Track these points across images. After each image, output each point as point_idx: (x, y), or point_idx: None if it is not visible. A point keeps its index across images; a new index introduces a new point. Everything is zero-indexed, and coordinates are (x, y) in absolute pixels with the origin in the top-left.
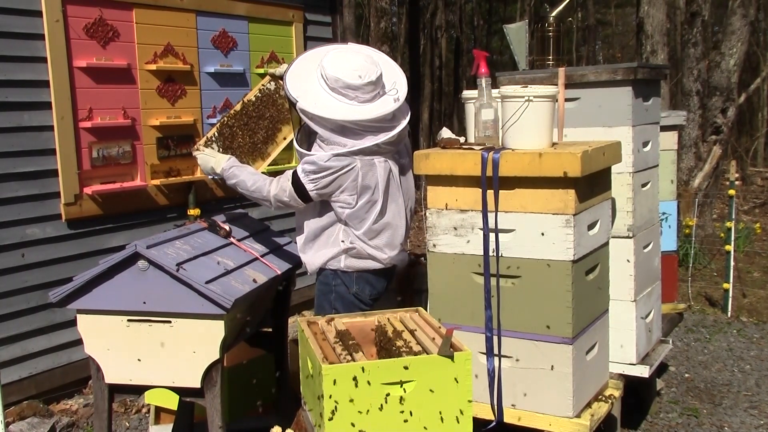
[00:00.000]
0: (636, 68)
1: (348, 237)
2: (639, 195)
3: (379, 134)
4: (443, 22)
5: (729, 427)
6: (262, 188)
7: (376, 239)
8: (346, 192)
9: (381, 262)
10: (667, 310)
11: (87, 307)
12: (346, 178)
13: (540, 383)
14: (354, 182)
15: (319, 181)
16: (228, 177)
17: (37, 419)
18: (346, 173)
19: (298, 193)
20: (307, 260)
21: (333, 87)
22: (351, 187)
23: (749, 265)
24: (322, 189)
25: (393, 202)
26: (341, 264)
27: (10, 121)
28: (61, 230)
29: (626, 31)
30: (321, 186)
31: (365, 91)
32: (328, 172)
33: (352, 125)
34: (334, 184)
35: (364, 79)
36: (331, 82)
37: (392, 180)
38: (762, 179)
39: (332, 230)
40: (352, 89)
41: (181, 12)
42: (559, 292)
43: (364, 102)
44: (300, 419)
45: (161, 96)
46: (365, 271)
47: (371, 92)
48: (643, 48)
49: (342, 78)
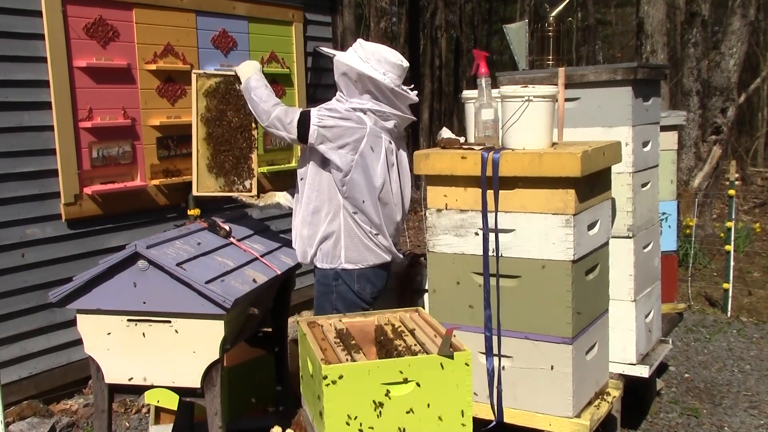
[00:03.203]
0: (636, 68)
1: (346, 216)
2: (639, 195)
3: (396, 111)
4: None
5: (729, 427)
6: (269, 101)
7: (375, 214)
8: (346, 148)
9: (380, 246)
10: (667, 310)
11: (87, 307)
12: (351, 133)
13: (540, 383)
14: (357, 142)
15: (325, 120)
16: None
17: (37, 419)
18: (354, 129)
19: (300, 124)
20: (301, 242)
21: (367, 59)
22: (352, 146)
23: (749, 265)
24: (324, 129)
25: (391, 183)
26: (342, 261)
27: (10, 121)
28: (61, 230)
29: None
30: (325, 125)
31: (395, 72)
32: (339, 115)
33: (380, 89)
34: (337, 129)
35: (397, 60)
36: (367, 53)
37: (392, 162)
38: (762, 179)
39: (329, 208)
40: (385, 64)
41: (181, 12)
42: (559, 292)
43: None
44: (300, 419)
45: (161, 96)
46: (365, 267)
47: (399, 77)
48: (643, 48)
49: (379, 51)
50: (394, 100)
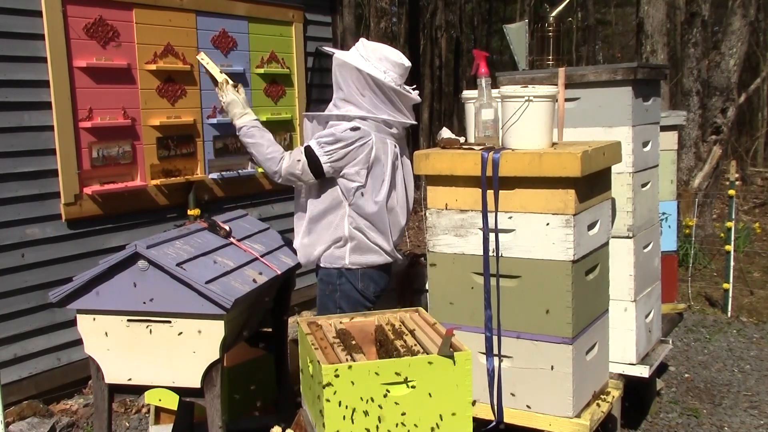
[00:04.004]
0: (636, 68)
1: (353, 221)
2: (639, 195)
3: (397, 113)
4: (443, 22)
5: (729, 427)
6: (276, 158)
7: (383, 222)
8: (358, 165)
9: (384, 251)
10: (667, 310)
11: (87, 307)
12: (360, 151)
13: (540, 383)
14: (367, 156)
15: (333, 153)
16: (246, 134)
17: (37, 419)
18: (362, 146)
19: (311, 166)
20: (304, 249)
21: (368, 57)
22: (363, 161)
23: (749, 265)
24: (336, 162)
25: (397, 187)
26: (346, 261)
27: (10, 121)
28: (61, 230)
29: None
30: (336, 158)
31: (397, 71)
32: (344, 142)
33: (381, 89)
34: (348, 156)
35: (399, 59)
36: (368, 51)
37: (397, 166)
38: (762, 179)
39: (333, 217)
40: (387, 62)
41: (181, 12)
42: (559, 292)
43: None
44: (300, 419)
45: (161, 96)
46: (369, 267)
47: (401, 76)
48: (643, 48)
49: (380, 49)
50: (396, 100)
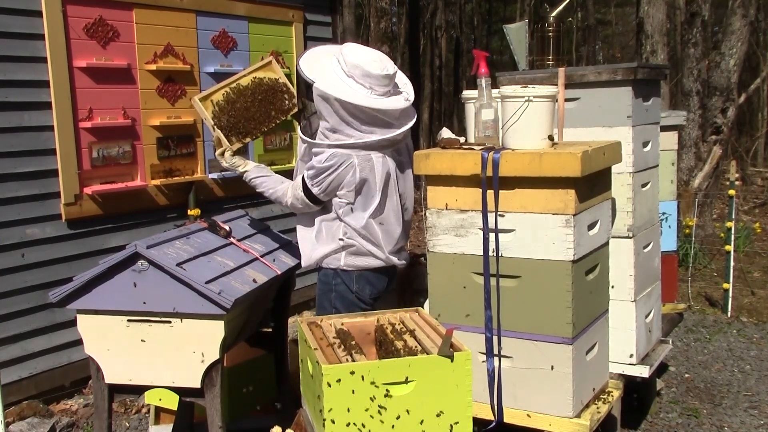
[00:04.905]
0: (636, 68)
1: (346, 233)
2: (639, 195)
3: (386, 130)
4: (443, 22)
5: (729, 427)
6: (281, 197)
7: (373, 235)
8: (346, 188)
9: (379, 258)
10: (667, 310)
11: (87, 307)
12: (344, 174)
13: (540, 383)
14: (352, 177)
15: (321, 183)
16: (252, 184)
17: (37, 419)
18: (345, 169)
19: (309, 199)
20: (305, 253)
21: (351, 74)
22: (349, 183)
23: (749, 265)
24: (326, 189)
25: (390, 198)
26: (341, 262)
27: (10, 121)
28: (61, 230)
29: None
30: (325, 187)
31: (381, 83)
32: (327, 172)
33: (366, 113)
34: (335, 181)
35: (382, 70)
36: (349, 68)
37: (390, 177)
38: (762, 179)
39: (332, 225)
40: (369, 78)
41: (181, 12)
42: (559, 292)
43: (378, 96)
44: (300, 419)
45: (161, 96)
46: (365, 269)
47: (386, 86)
48: (643, 48)
49: (362, 65)
50: (383, 117)
